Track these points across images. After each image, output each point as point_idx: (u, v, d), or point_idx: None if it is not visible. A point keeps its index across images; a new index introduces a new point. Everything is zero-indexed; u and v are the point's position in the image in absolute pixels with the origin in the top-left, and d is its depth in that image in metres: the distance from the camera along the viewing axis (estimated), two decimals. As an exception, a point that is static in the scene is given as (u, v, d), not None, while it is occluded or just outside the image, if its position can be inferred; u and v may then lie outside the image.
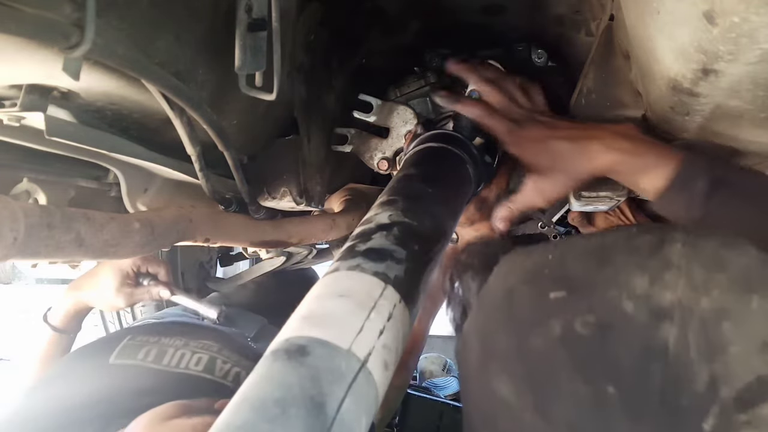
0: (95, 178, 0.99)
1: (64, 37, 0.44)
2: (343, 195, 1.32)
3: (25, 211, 0.60)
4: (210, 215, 0.94)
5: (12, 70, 0.59)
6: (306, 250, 1.62)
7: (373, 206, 0.59)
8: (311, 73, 0.96)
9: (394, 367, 0.42)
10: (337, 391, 0.35)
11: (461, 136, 0.85)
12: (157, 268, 0.96)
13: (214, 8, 0.66)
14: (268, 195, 1.02)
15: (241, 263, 2.02)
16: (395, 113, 1.04)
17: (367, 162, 1.08)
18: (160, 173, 0.93)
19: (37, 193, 0.87)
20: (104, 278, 0.90)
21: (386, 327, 0.42)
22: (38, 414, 0.72)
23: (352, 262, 0.47)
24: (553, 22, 0.96)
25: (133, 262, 0.92)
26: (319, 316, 0.41)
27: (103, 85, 0.64)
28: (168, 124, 0.72)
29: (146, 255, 0.91)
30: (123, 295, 0.90)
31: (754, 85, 0.48)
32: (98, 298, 0.91)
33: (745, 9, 0.39)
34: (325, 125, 1.06)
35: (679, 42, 0.49)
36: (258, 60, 0.64)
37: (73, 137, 0.68)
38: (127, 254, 0.75)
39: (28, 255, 0.60)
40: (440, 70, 1.12)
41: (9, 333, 3.20)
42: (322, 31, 0.95)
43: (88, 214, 0.69)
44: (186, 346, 0.87)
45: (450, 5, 0.99)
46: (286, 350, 0.37)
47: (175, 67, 0.64)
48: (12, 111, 0.62)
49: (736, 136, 0.65)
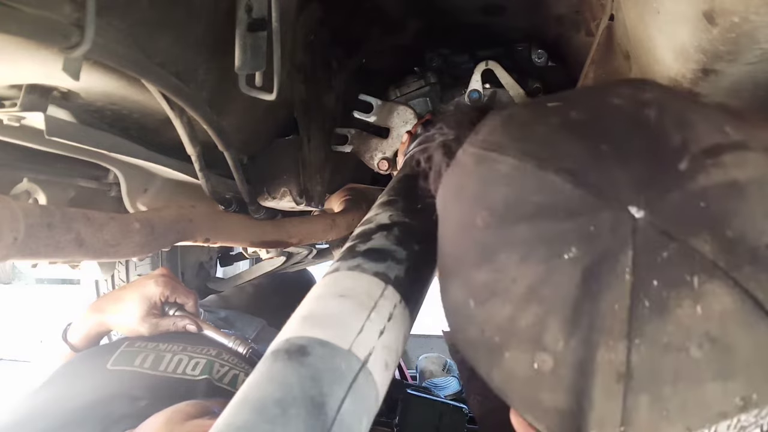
0: (95, 178, 0.99)
1: (64, 37, 0.44)
2: (343, 195, 1.32)
3: (25, 211, 0.60)
4: (210, 215, 0.94)
5: (12, 70, 0.59)
6: (306, 250, 1.62)
7: (374, 206, 0.59)
8: (311, 73, 0.96)
9: (395, 367, 0.43)
10: (337, 391, 0.35)
11: (461, 136, 0.85)
12: (185, 299, 0.91)
13: (214, 8, 0.66)
14: (268, 195, 1.02)
15: (241, 263, 2.02)
16: (395, 113, 1.04)
17: (367, 162, 1.08)
18: (160, 173, 0.93)
19: (37, 193, 0.87)
20: (130, 304, 0.87)
21: (386, 327, 0.42)
22: (37, 415, 0.72)
23: (352, 262, 0.47)
24: (553, 22, 0.96)
25: (162, 291, 0.87)
26: (319, 316, 0.41)
27: (103, 85, 0.64)
28: (168, 124, 0.72)
29: (175, 284, 0.89)
30: (147, 324, 0.87)
31: (754, 85, 0.48)
32: (121, 324, 0.88)
33: (745, 9, 0.39)
34: (325, 125, 1.06)
35: (679, 42, 0.49)
36: (258, 60, 0.64)
37: (73, 137, 0.68)
38: (127, 254, 0.75)
39: (28, 255, 0.60)
40: (440, 70, 1.13)
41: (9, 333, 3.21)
42: (322, 31, 0.95)
43: (88, 214, 0.69)
44: (184, 351, 0.87)
45: (450, 5, 0.99)
46: (287, 350, 0.37)
47: (175, 67, 0.64)
48: (12, 111, 0.62)
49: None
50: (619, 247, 0.31)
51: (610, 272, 0.31)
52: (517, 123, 0.40)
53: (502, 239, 0.35)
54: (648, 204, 0.31)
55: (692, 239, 0.30)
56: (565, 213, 0.33)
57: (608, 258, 0.31)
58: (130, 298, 0.87)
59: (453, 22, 1.05)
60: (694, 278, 0.30)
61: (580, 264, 0.32)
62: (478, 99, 0.99)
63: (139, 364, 0.82)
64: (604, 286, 0.31)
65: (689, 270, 0.30)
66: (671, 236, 0.31)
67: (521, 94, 0.98)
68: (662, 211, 0.31)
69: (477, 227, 0.37)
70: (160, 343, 0.88)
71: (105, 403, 0.72)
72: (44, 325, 2.99)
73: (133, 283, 0.94)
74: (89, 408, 0.71)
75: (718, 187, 0.31)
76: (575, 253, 0.32)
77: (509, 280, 0.34)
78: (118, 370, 0.81)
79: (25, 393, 0.81)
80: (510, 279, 0.34)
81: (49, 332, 2.87)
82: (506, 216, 0.35)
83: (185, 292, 0.91)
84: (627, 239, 0.31)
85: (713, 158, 0.32)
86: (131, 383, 0.78)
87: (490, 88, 0.99)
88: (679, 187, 0.31)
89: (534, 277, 0.33)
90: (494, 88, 0.99)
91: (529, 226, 0.34)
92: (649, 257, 0.31)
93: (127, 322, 0.87)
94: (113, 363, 0.82)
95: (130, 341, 0.88)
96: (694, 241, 0.30)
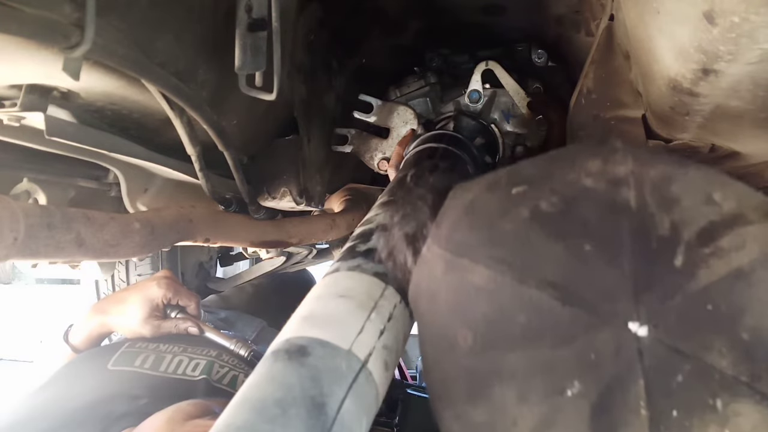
0: (95, 178, 0.99)
1: (64, 37, 0.44)
2: (343, 195, 1.32)
3: (25, 211, 0.60)
4: (210, 215, 0.94)
5: (12, 70, 0.59)
6: (306, 250, 1.62)
7: (374, 207, 0.59)
8: (311, 73, 0.96)
9: (395, 367, 0.42)
10: (337, 391, 0.35)
11: (461, 136, 0.85)
12: (188, 301, 0.91)
13: (214, 8, 0.66)
14: (268, 195, 1.02)
15: (241, 263, 2.02)
16: (395, 113, 1.04)
17: (367, 162, 1.08)
18: (160, 173, 0.93)
19: (37, 193, 0.87)
20: (132, 306, 0.88)
21: (386, 327, 0.42)
22: (37, 415, 0.72)
23: (352, 262, 0.47)
24: (553, 22, 0.96)
25: (164, 293, 0.88)
26: (319, 316, 0.41)
27: (103, 85, 0.64)
28: (168, 124, 0.72)
29: (178, 287, 0.90)
30: (150, 327, 0.87)
31: (754, 85, 0.48)
32: (123, 325, 0.89)
33: (745, 9, 0.39)
34: (325, 125, 1.06)
35: (679, 42, 0.49)
36: (258, 60, 0.64)
37: (73, 137, 0.68)
38: (127, 254, 0.75)
39: (28, 255, 0.60)
40: (440, 70, 1.13)
41: (9, 333, 3.21)
42: (322, 31, 0.95)
43: (88, 214, 0.69)
44: (184, 352, 0.87)
45: (450, 5, 0.99)
46: (287, 350, 0.37)
47: (175, 67, 0.64)
48: (12, 111, 0.62)
49: (736, 136, 0.65)
50: (628, 375, 0.28)
51: (622, 407, 0.28)
52: (481, 217, 0.36)
53: (492, 368, 0.32)
54: (649, 317, 0.28)
55: (707, 355, 0.27)
56: (557, 338, 0.29)
57: (617, 390, 0.28)
58: (132, 300, 0.87)
59: (453, 22, 1.05)
60: (717, 401, 0.27)
61: (586, 401, 0.28)
62: (478, 99, 0.99)
63: (139, 365, 0.82)
64: (619, 424, 0.28)
65: (710, 392, 0.27)
66: (683, 354, 0.27)
67: (521, 94, 0.98)
68: (667, 323, 0.28)
69: (460, 348, 0.33)
70: (160, 344, 0.88)
71: (105, 402, 0.72)
72: (44, 325, 3.00)
73: (135, 285, 0.95)
74: (89, 408, 0.71)
75: (721, 281, 0.28)
76: (579, 388, 0.29)
77: (509, 422, 0.31)
78: (119, 370, 0.81)
79: (25, 393, 0.81)
80: (510, 421, 0.31)
81: (49, 332, 2.87)
82: (491, 339, 0.32)
83: (187, 294, 0.92)
84: (634, 364, 0.28)
85: (710, 245, 0.29)
86: (131, 383, 0.78)
87: (490, 88, 0.99)
88: (680, 291, 0.28)
89: (537, 419, 0.30)
90: (494, 88, 0.99)
91: (521, 354, 0.30)
92: (663, 383, 0.27)
93: (130, 324, 0.87)
94: (114, 363, 0.82)
95: (131, 342, 0.88)
96: (710, 356, 0.27)
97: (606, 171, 0.32)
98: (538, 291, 0.30)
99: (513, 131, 1.00)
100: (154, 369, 0.82)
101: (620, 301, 0.29)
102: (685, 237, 0.29)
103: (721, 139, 0.68)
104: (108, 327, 0.90)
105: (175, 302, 0.90)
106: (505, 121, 1.00)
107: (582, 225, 0.31)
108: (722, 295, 0.28)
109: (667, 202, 0.30)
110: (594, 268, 0.30)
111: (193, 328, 0.89)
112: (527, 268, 0.31)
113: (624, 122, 0.74)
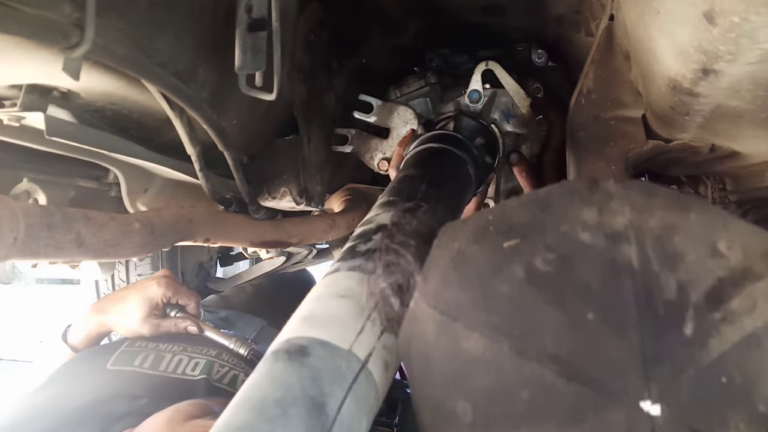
0: (95, 178, 0.99)
1: (64, 37, 0.44)
2: (343, 195, 1.32)
3: (25, 211, 0.60)
4: (210, 215, 0.94)
5: (12, 70, 0.59)
6: (306, 250, 1.63)
7: (374, 207, 0.59)
8: (311, 73, 0.96)
9: (395, 367, 0.42)
10: (337, 391, 0.35)
11: (462, 136, 0.85)
12: (187, 300, 0.91)
13: (214, 8, 0.66)
14: (268, 195, 1.02)
15: (241, 263, 2.02)
16: (395, 113, 1.04)
17: (367, 162, 1.08)
18: (160, 173, 0.93)
19: (37, 193, 0.87)
20: (131, 305, 0.87)
21: (387, 328, 0.42)
22: (37, 415, 0.72)
23: (352, 262, 0.47)
24: (553, 22, 0.96)
25: (164, 292, 0.88)
26: (319, 316, 0.41)
27: (103, 85, 0.64)
28: (168, 124, 0.72)
29: (177, 286, 0.90)
30: (149, 326, 0.87)
31: (754, 85, 0.48)
32: (122, 325, 0.89)
33: (745, 9, 0.39)
34: (325, 125, 1.06)
35: (679, 42, 0.49)
36: (258, 60, 0.64)
37: (73, 137, 0.68)
38: (127, 254, 0.75)
39: (28, 255, 0.60)
40: (440, 70, 1.13)
41: (9, 333, 3.20)
42: (322, 31, 0.95)
43: (88, 214, 0.69)
44: (184, 351, 0.87)
45: (450, 5, 0.99)
46: (287, 350, 0.37)
47: (175, 67, 0.64)
48: (12, 111, 0.62)
49: (736, 136, 0.65)
50: None
51: None
52: (472, 274, 0.33)
53: None
54: (662, 394, 0.26)
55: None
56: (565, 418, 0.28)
57: None
58: (132, 299, 0.87)
59: (453, 22, 1.05)
60: None
61: None
62: (478, 99, 0.99)
63: (139, 364, 0.82)
64: None
65: None
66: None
67: (521, 95, 0.98)
68: (680, 400, 0.26)
69: (460, 422, 0.31)
70: (160, 343, 0.88)
71: (105, 402, 0.72)
72: (44, 325, 2.99)
73: (135, 284, 0.95)
74: (89, 408, 0.71)
75: (734, 349, 0.27)
76: None
77: None
78: (118, 370, 0.81)
79: (25, 393, 0.81)
80: None
81: (49, 332, 2.87)
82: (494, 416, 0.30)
83: (187, 293, 0.92)
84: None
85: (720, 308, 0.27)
86: (131, 383, 0.78)
87: (490, 89, 0.99)
88: (692, 364, 0.27)
89: None
90: (494, 88, 0.99)
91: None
92: None
93: (129, 323, 0.87)
94: (113, 363, 0.82)
95: (130, 341, 0.88)
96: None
97: (603, 223, 0.31)
98: (540, 366, 0.28)
99: (513, 131, 1.00)
100: (153, 368, 0.82)
101: (630, 378, 0.27)
102: (693, 299, 0.27)
103: (721, 139, 0.68)
104: (107, 326, 0.90)
105: (175, 301, 0.90)
106: (505, 121, 1.00)
107: (582, 289, 0.29)
108: (736, 365, 0.27)
109: (671, 258, 0.29)
110: (598, 340, 0.28)
111: (192, 327, 0.89)
112: (526, 339, 0.29)
113: (624, 122, 0.74)
